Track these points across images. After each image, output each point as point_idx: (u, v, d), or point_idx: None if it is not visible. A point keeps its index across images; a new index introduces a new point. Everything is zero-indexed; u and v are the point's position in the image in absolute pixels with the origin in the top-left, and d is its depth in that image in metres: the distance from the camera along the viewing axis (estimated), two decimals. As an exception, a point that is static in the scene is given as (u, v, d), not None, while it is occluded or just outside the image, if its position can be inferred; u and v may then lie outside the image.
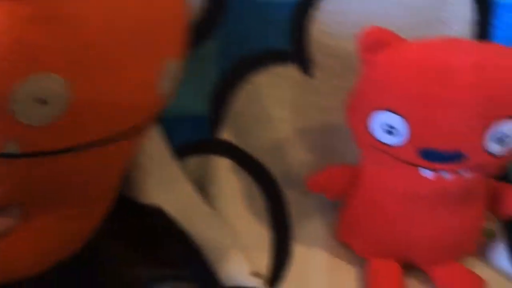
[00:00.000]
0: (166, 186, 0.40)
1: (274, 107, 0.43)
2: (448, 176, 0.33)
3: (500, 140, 0.32)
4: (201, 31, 0.40)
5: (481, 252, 0.42)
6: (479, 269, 0.41)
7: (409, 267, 0.40)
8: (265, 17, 0.40)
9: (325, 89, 0.43)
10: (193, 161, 0.44)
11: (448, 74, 0.30)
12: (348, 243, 0.42)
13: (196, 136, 0.44)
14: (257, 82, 0.42)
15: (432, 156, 0.32)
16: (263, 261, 0.41)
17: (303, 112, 0.44)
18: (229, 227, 0.41)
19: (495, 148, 0.32)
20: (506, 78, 0.31)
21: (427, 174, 0.33)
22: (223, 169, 0.44)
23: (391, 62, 0.33)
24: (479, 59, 0.31)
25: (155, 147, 0.40)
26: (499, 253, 0.41)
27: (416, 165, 0.33)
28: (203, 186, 0.43)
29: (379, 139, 0.34)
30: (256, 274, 0.38)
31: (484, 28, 0.40)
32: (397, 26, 0.38)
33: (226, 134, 0.44)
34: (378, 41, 0.33)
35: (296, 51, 0.41)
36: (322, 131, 0.44)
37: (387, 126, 0.33)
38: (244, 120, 0.43)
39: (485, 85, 0.30)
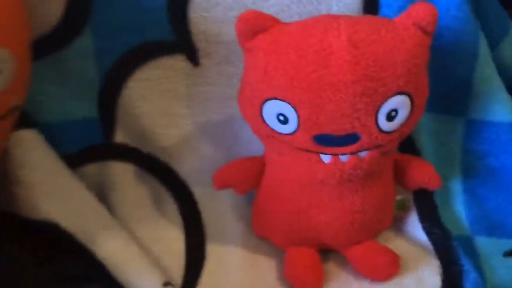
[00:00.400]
0: (58, 199, 0.37)
1: (169, 102, 0.41)
2: (346, 159, 0.33)
3: (389, 116, 0.32)
4: (68, 26, 0.37)
5: (397, 225, 0.42)
6: (395, 242, 0.40)
7: (327, 252, 0.39)
8: (138, 7, 0.37)
9: (216, 78, 0.41)
10: (91, 168, 0.41)
11: (326, 55, 0.30)
12: (265, 237, 0.40)
13: (89, 141, 0.40)
14: (145, 77, 0.39)
15: (327, 141, 0.32)
16: (177, 267, 0.38)
17: (200, 105, 0.41)
18: (135, 238, 0.38)
19: (386, 125, 0.32)
20: (385, 56, 0.30)
21: (326, 159, 0.33)
22: (125, 174, 0.41)
23: (270, 49, 0.32)
24: (355, 37, 0.30)
25: (37, 159, 0.37)
26: (412, 224, 0.41)
27: (314, 152, 0.33)
28: (104, 194, 0.40)
29: (273, 128, 0.33)
30: (168, 284, 0.35)
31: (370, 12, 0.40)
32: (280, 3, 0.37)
33: (121, 137, 0.41)
34: (254, 27, 0.32)
35: (180, 40, 0.39)
36: (223, 122, 0.42)
37: (279, 115, 0.32)
38: (138, 120, 0.40)
39: (363, 63, 0.30)
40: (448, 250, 0.39)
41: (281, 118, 0.32)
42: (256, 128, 0.35)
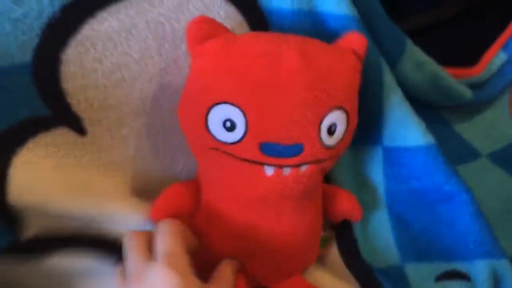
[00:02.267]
0: None
1: (63, 177, 0.35)
2: (288, 172, 0.32)
3: (330, 131, 0.32)
4: None
5: (320, 261, 0.41)
6: (322, 279, 0.39)
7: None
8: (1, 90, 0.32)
9: (110, 143, 0.36)
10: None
11: (277, 59, 0.31)
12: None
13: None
14: (26, 161, 0.33)
15: (273, 151, 0.31)
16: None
17: (96, 172, 0.36)
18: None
19: (327, 138, 0.32)
20: (329, 69, 0.32)
21: (269, 171, 0.32)
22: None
23: (221, 52, 0.31)
24: (303, 47, 0.31)
25: None
26: (335, 260, 0.41)
27: (258, 162, 0.32)
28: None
29: (218, 138, 0.32)
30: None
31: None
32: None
33: (31, 231, 0.35)
34: (206, 31, 0.32)
35: (57, 113, 0.34)
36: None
37: (225, 121, 0.31)
38: (38, 208, 0.34)
39: (311, 71, 0.31)
40: (372, 282, 0.39)
41: (228, 124, 0.31)
42: (198, 142, 0.33)
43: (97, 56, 0.33)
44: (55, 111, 0.33)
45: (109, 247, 0.37)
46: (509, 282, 0.40)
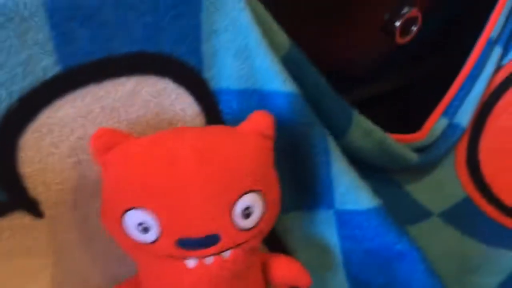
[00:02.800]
0: None
1: (19, 262, 0.35)
2: (210, 261, 0.33)
3: (246, 214, 0.33)
4: None
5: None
6: None
7: None
8: None
9: (67, 224, 0.37)
10: None
11: (173, 161, 0.32)
12: None
13: None
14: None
15: (189, 244, 0.32)
16: None
17: (56, 254, 0.37)
18: None
19: (243, 222, 0.33)
20: (229, 157, 0.33)
21: (191, 264, 0.33)
22: None
23: (121, 160, 0.33)
24: (199, 144, 0.32)
25: None
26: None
27: (179, 257, 0.33)
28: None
29: (136, 239, 0.33)
30: None
31: (212, 116, 0.40)
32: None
33: None
34: (106, 143, 0.33)
35: (13, 197, 0.34)
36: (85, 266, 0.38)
37: (139, 225, 0.32)
38: None
39: (208, 165, 0.32)
40: None
41: (141, 227, 0.32)
42: (121, 242, 0.35)
43: (53, 141, 0.35)
44: (11, 195, 0.34)
45: None
46: None
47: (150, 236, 0.32)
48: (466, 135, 0.56)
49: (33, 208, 0.35)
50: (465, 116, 0.54)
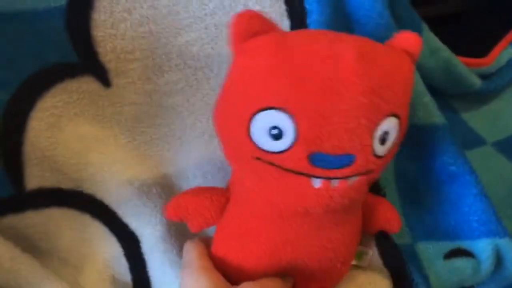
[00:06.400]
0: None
1: (82, 127, 0.35)
2: (336, 184, 0.29)
3: (382, 139, 0.29)
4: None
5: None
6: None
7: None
8: (32, 30, 0.32)
9: (133, 97, 0.36)
10: (6, 222, 0.35)
11: (334, 60, 0.27)
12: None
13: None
14: (49, 106, 0.34)
15: (323, 161, 0.28)
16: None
17: (119, 126, 0.37)
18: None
19: (379, 148, 0.29)
20: (387, 73, 0.29)
21: (316, 183, 0.29)
22: (49, 222, 0.36)
23: (275, 50, 0.28)
24: (361, 48, 0.28)
25: None
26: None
27: (305, 174, 0.29)
28: (31, 245, 0.36)
29: (262, 147, 0.28)
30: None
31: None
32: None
33: (34, 182, 0.35)
34: (256, 26, 0.28)
35: (84, 61, 0.34)
36: (149, 142, 0.38)
37: (271, 129, 0.27)
38: (51, 154, 0.35)
39: (369, 74, 0.28)
40: (399, 266, 0.39)
41: (275, 132, 0.27)
42: (236, 150, 0.30)
43: (127, 7, 0.34)
44: (83, 58, 0.34)
45: (102, 210, 0.38)
46: (511, 259, 0.41)
47: (280, 144, 0.28)
48: (531, 69, 0.54)
49: (101, 75, 0.35)
50: (534, 48, 0.52)
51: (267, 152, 0.28)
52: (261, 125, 0.28)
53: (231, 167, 0.34)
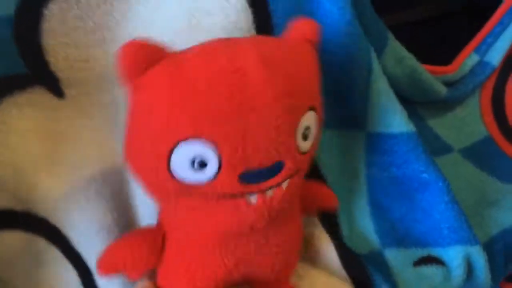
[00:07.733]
0: None
1: (35, 142, 0.33)
2: (271, 194, 0.28)
3: (304, 135, 0.29)
4: None
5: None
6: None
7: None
8: None
9: (88, 109, 0.34)
10: None
11: (240, 77, 0.25)
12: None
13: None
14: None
15: (254, 177, 0.27)
16: None
17: (72, 141, 0.34)
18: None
19: (303, 144, 0.29)
20: (291, 67, 0.28)
21: (253, 200, 0.28)
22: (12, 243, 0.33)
23: (173, 81, 0.25)
24: (262, 54, 0.27)
25: None
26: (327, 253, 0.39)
27: (240, 195, 0.28)
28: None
29: (188, 181, 0.27)
30: None
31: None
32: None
33: None
34: (145, 59, 0.25)
35: (34, 71, 0.32)
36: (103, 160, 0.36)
37: (193, 161, 0.26)
38: (2, 180, 0.32)
39: (276, 78, 0.26)
40: (357, 267, 0.38)
41: (197, 162, 0.26)
42: (161, 190, 0.29)
43: (79, 14, 0.32)
44: (32, 69, 0.32)
45: (56, 234, 0.35)
46: (482, 267, 0.40)
47: (206, 174, 0.26)
48: (494, 75, 0.54)
49: (53, 84, 0.33)
50: (496, 55, 0.52)
51: (195, 184, 0.27)
52: (181, 159, 0.26)
53: (158, 205, 0.32)
